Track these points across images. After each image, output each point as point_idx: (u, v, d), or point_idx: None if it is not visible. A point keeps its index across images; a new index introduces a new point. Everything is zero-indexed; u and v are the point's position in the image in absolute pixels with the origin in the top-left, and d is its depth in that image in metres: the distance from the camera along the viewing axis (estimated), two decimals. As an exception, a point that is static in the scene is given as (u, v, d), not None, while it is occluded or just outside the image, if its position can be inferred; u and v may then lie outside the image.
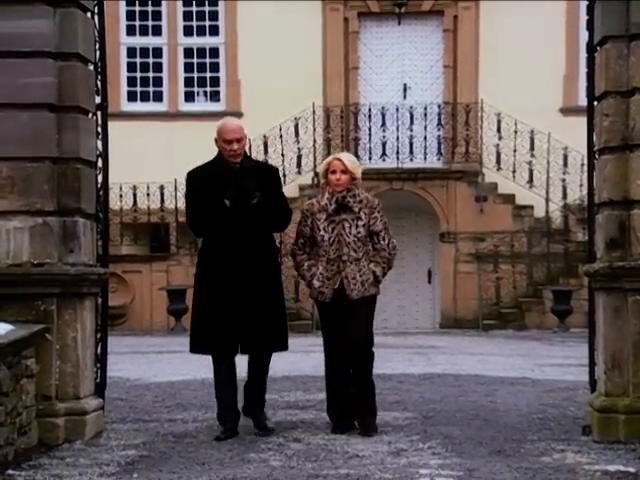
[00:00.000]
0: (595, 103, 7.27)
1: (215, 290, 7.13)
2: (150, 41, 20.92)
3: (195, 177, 7.35)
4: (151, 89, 20.93)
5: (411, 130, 20.05)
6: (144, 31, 20.91)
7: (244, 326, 7.10)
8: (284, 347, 7.34)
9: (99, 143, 7.47)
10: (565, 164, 19.58)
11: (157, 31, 20.89)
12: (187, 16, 20.81)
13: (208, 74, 20.83)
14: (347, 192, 7.23)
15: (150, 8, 20.84)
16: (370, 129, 20.19)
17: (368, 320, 7.30)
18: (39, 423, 6.78)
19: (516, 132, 19.66)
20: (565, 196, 19.77)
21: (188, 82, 20.84)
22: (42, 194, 6.90)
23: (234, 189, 7.13)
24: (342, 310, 7.23)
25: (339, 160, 7.29)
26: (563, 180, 19.70)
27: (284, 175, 18.61)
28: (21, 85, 6.84)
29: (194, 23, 20.83)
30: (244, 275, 7.11)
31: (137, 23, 20.88)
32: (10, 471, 6.01)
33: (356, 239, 7.22)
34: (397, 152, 20.00)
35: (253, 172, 7.24)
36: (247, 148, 7.64)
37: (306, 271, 7.31)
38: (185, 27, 20.84)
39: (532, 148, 19.72)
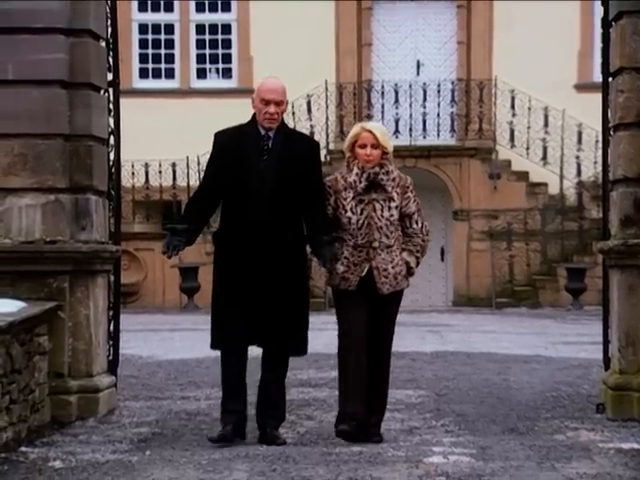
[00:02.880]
0: (610, 79, 7.21)
1: (232, 283, 6.21)
2: (162, 17, 20.85)
3: (221, 139, 6.34)
4: (163, 66, 20.88)
5: (424, 107, 19.97)
6: (156, 7, 20.84)
7: (259, 318, 6.18)
8: (302, 351, 6.35)
9: (111, 120, 7.44)
10: (579, 141, 19.48)
11: (169, 7, 20.82)
12: (199, -8, 20.75)
13: (220, 51, 20.76)
14: (379, 168, 6.26)
15: (162, -16, 20.78)
16: (383, 106, 20.10)
17: (394, 318, 6.40)
18: (52, 400, 6.79)
19: (530, 109, 19.56)
20: (579, 173, 19.69)
21: (200, 59, 20.78)
22: (54, 171, 6.88)
23: (262, 161, 6.20)
24: (366, 300, 6.26)
25: (369, 132, 6.27)
26: (577, 157, 19.60)
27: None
28: (33, 61, 6.81)
29: (206, -1, 20.77)
30: (265, 266, 6.17)
31: (149, -1, 20.84)
32: (23, 448, 6.02)
33: (388, 223, 6.25)
34: (410, 129, 19.92)
35: (289, 144, 6.26)
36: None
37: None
38: (197, 3, 20.77)
39: (546, 125, 19.62)
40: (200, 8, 20.77)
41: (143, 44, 20.78)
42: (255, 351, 6.32)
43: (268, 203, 6.17)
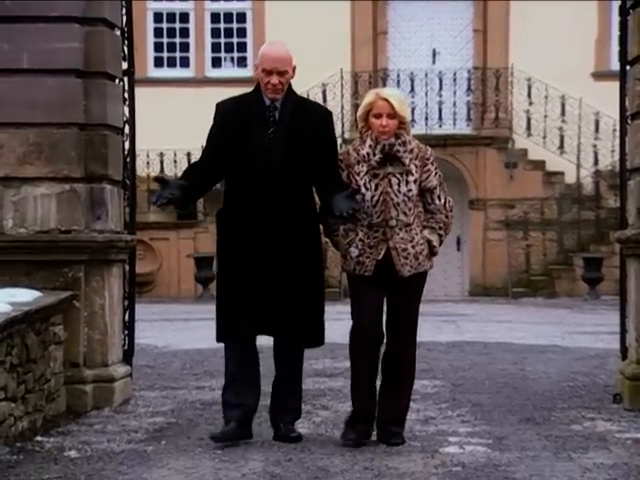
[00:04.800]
0: (628, 67, 7.14)
1: (238, 264, 5.71)
2: (177, 6, 20.83)
3: (224, 110, 5.86)
4: (178, 55, 20.87)
5: (440, 96, 19.91)
6: (171, -4, 20.83)
7: (270, 305, 5.69)
8: (319, 341, 5.89)
9: (126, 109, 7.42)
10: (597, 129, 19.39)
11: (184, -4, 20.81)
12: (214, -19, 20.72)
13: (235, 39, 20.74)
14: (395, 139, 5.71)
15: (177, -27, 20.77)
16: (398, 95, 20.04)
17: (417, 304, 5.85)
18: (67, 390, 6.79)
19: (547, 97, 19.47)
20: (596, 162, 19.61)
21: (215, 48, 20.76)
22: (69, 160, 6.87)
23: (268, 135, 5.69)
24: (384, 286, 5.73)
25: (385, 100, 5.68)
26: (594, 146, 19.52)
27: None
28: (48, 50, 6.80)
29: (221, -12, 20.74)
30: (275, 247, 5.68)
31: (164, -12, 20.82)
32: (39, 437, 6.02)
33: (406, 199, 5.67)
34: (426, 118, 19.86)
35: (298, 115, 5.72)
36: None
37: (342, 237, 5.76)
38: (212, -8, 20.75)
39: (563, 113, 19.54)
40: (215, -4, 20.75)
41: (158, 33, 20.78)
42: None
43: (276, 180, 5.65)
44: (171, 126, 19.41)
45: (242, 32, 20.74)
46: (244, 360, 5.77)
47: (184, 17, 20.85)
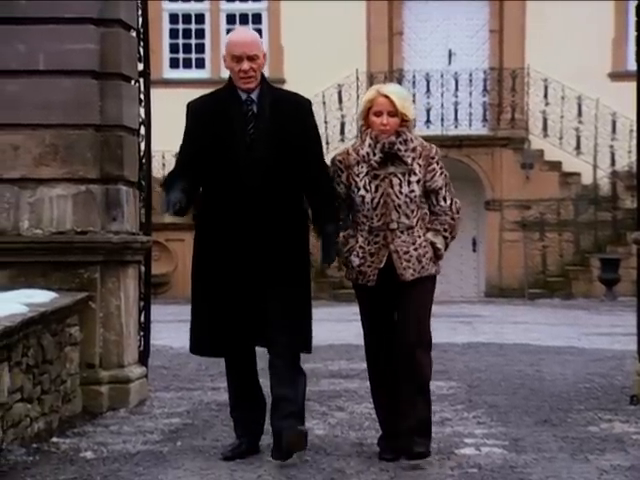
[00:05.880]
0: (645, 67, 7.10)
1: (217, 268, 5.33)
2: (192, 7, 20.86)
3: (196, 109, 5.45)
4: (193, 56, 20.90)
5: (456, 96, 19.87)
6: (186, -3, 20.85)
7: (254, 313, 5.29)
8: (306, 348, 5.42)
9: (141, 110, 7.43)
10: (613, 130, 19.32)
11: (199, -3, 20.82)
12: (230, -18, 20.74)
13: (251, 41, 20.72)
14: (396, 137, 5.38)
15: (192, -26, 20.78)
16: (414, 95, 19.96)
17: (426, 310, 5.44)
18: (83, 391, 6.80)
19: (563, 98, 19.41)
20: (613, 163, 19.54)
21: (231, 49, 20.75)
22: (85, 162, 6.88)
23: (247, 131, 5.29)
24: (390, 296, 5.40)
25: (386, 97, 5.40)
26: (611, 146, 19.45)
27: (327, 143, 18.51)
28: (64, 52, 6.81)
29: (237, -11, 20.75)
30: (258, 249, 5.28)
31: (179, -11, 20.85)
32: (55, 438, 6.03)
33: (408, 200, 5.35)
34: (442, 119, 19.83)
35: (277, 107, 5.33)
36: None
37: (341, 245, 5.44)
38: (228, -7, 20.76)
39: (580, 114, 19.48)
40: (231, -3, 20.76)
41: (174, 34, 20.80)
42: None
43: (259, 179, 5.26)
44: (187, 127, 19.39)
45: (258, 33, 20.68)
46: (243, 372, 5.51)
47: (200, 18, 20.87)
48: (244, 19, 20.74)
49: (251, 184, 5.28)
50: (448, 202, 5.46)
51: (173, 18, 20.85)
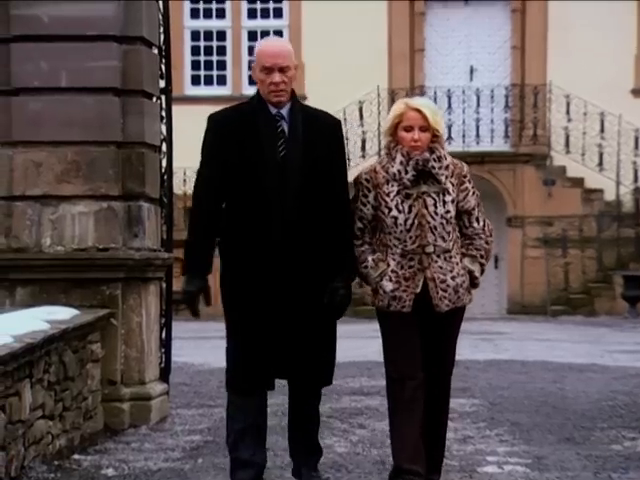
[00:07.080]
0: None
1: (253, 305, 4.94)
2: (214, 24, 20.93)
3: (219, 122, 5.03)
4: (215, 73, 20.96)
5: (478, 113, 19.84)
6: (208, 14, 20.93)
7: (286, 348, 4.97)
8: (329, 382, 5.16)
9: (163, 127, 7.45)
10: (636, 146, 19.27)
11: (221, 14, 20.90)
12: (251, -1, 20.83)
13: (272, 58, 20.78)
14: (430, 153, 5.02)
15: (214, -8, 20.88)
16: (436, 112, 20.01)
17: (454, 341, 5.20)
18: (104, 408, 6.80)
19: (585, 114, 19.34)
20: (636, 179, 19.47)
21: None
22: (107, 178, 6.90)
23: (278, 150, 4.89)
24: (419, 325, 5.05)
25: (416, 111, 4.99)
26: (634, 163, 19.38)
27: (348, 159, 18.52)
28: (86, 69, 6.84)
29: (258, 5, 20.81)
30: (292, 285, 4.92)
31: (201, 6, 20.91)
32: (76, 456, 6.03)
33: (444, 221, 4.98)
34: (463, 135, 19.80)
35: (309, 125, 4.96)
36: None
37: (371, 269, 5.04)
38: (249, 9, 20.83)
39: (602, 130, 19.40)
40: (252, 14, 20.83)
41: (195, 51, 20.88)
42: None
43: (292, 204, 4.87)
44: (208, 144, 19.44)
45: (279, 50, 20.79)
46: (257, 412, 5.05)
47: (221, 35, 20.95)
48: (265, 36, 20.75)
49: (283, 209, 4.87)
50: (481, 224, 5.14)
51: (195, 35, 20.93)
